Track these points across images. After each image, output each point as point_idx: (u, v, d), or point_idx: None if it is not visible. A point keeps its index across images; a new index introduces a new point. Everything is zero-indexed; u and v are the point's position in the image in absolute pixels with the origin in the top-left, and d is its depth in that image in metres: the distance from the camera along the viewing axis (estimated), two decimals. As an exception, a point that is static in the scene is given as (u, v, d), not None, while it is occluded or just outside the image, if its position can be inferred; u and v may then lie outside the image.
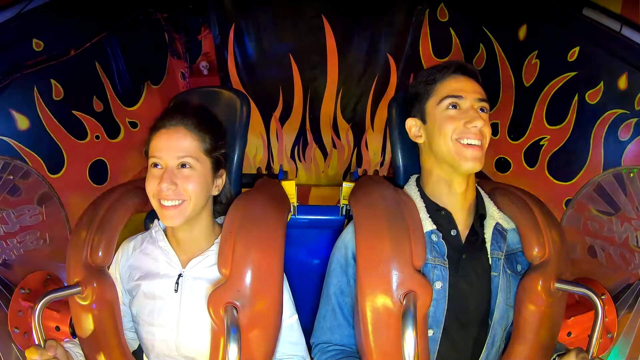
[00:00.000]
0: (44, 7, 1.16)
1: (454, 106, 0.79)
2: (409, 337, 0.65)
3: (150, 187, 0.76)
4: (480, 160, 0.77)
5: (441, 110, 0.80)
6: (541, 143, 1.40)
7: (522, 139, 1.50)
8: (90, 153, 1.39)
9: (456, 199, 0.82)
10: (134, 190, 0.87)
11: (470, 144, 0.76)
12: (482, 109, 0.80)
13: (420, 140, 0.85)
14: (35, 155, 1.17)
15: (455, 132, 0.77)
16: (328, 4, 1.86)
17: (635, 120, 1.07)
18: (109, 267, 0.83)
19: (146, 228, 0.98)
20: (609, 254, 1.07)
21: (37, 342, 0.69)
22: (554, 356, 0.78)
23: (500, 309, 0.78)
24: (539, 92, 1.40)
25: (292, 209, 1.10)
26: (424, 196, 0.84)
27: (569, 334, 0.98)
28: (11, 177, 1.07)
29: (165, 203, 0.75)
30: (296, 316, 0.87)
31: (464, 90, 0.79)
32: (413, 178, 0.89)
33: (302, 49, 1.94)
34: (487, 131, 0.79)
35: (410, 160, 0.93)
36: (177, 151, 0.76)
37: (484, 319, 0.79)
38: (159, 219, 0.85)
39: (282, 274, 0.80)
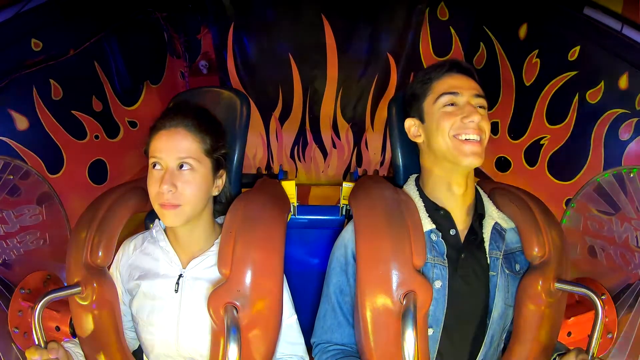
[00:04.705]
0: (43, 7, 1.16)
1: (451, 103, 0.79)
2: (409, 337, 0.65)
3: (152, 189, 0.76)
4: (479, 156, 0.76)
5: (438, 107, 0.80)
6: (541, 142, 1.40)
7: (522, 138, 1.50)
8: (89, 153, 1.39)
9: (455, 199, 0.82)
10: (134, 190, 0.87)
11: (469, 139, 0.76)
12: (479, 105, 0.79)
13: (419, 140, 0.85)
14: (35, 155, 1.17)
15: (453, 128, 0.77)
16: (328, 3, 1.86)
17: (635, 120, 1.06)
18: (109, 267, 0.83)
19: (146, 228, 0.98)
20: (609, 254, 1.07)
21: (37, 342, 0.69)
22: (554, 356, 0.78)
23: (499, 308, 0.78)
24: (540, 92, 1.40)
25: (292, 209, 1.10)
26: (423, 196, 0.84)
27: (569, 334, 0.98)
28: (11, 177, 1.07)
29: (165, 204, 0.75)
30: (295, 316, 0.87)
31: (460, 87, 0.79)
32: (412, 178, 0.89)
33: (302, 48, 1.94)
34: (486, 126, 0.78)
35: (410, 160, 0.93)
36: (178, 152, 0.75)
37: (483, 318, 0.79)
38: (159, 219, 0.85)
39: (282, 274, 0.80)
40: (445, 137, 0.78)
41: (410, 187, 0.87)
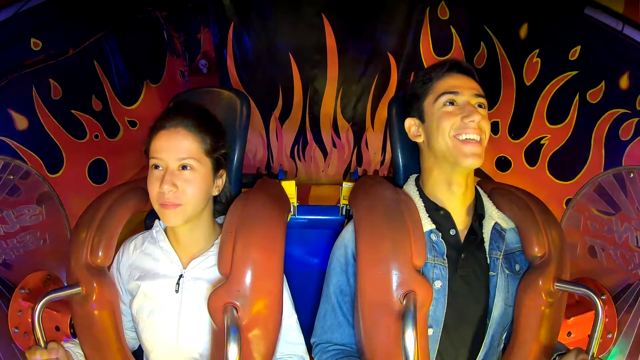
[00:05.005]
0: (42, 7, 1.16)
1: (451, 103, 0.79)
2: (409, 337, 0.65)
3: (152, 190, 0.76)
4: (479, 156, 0.76)
5: (438, 107, 0.80)
6: (542, 142, 1.40)
7: (522, 138, 1.50)
8: (89, 152, 1.39)
9: (455, 199, 0.82)
10: (134, 190, 0.87)
11: (469, 139, 0.76)
12: (479, 105, 0.79)
13: (419, 140, 0.85)
14: (35, 155, 1.17)
15: (453, 128, 0.77)
16: (328, 3, 1.86)
17: (636, 120, 1.06)
18: (109, 267, 0.83)
19: (146, 228, 0.98)
20: (609, 254, 1.07)
21: (37, 342, 0.70)
22: (554, 356, 0.78)
23: (499, 308, 0.78)
24: (540, 91, 1.39)
25: (292, 209, 1.10)
26: (423, 196, 0.84)
27: (569, 334, 0.98)
28: (11, 177, 1.07)
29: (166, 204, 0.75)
30: (295, 316, 0.87)
31: (460, 87, 0.79)
32: (412, 178, 0.89)
33: (302, 48, 1.94)
34: (486, 126, 0.78)
35: (411, 160, 0.93)
36: (178, 152, 0.76)
37: (483, 318, 0.79)
38: (159, 219, 0.85)
39: (282, 274, 0.80)
40: (446, 137, 0.78)
41: (410, 187, 0.87)
